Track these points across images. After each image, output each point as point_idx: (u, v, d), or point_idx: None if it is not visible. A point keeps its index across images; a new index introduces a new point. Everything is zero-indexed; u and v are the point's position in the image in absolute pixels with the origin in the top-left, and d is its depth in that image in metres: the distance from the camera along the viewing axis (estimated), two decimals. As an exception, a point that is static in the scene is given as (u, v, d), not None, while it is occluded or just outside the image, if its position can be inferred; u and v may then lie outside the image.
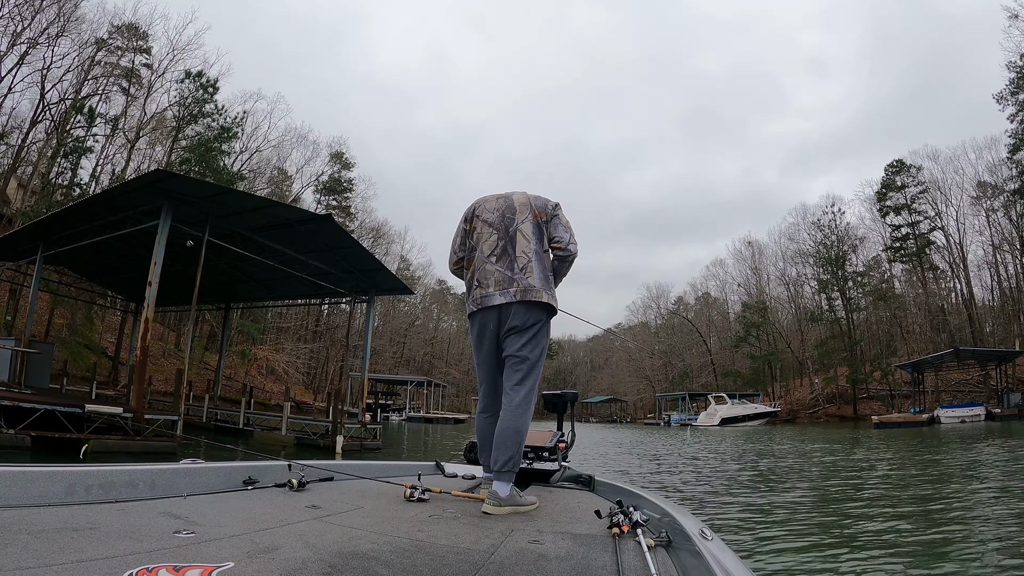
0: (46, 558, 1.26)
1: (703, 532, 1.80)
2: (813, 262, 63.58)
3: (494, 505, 2.45)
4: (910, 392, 45.11)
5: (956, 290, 57.94)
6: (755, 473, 12.77)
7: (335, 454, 15.93)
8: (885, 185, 58.83)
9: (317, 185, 61.87)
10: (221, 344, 25.80)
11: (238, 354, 50.61)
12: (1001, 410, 33.38)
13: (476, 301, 2.85)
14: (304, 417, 19.83)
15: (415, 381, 58.84)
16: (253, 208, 15.14)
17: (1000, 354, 39.13)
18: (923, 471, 12.15)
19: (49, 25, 35.70)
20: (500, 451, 2.68)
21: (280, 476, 2.64)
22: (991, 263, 55.18)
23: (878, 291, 59.17)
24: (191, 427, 20.55)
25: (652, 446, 22.50)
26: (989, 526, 6.32)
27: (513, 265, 2.81)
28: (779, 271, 69.96)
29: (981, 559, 5.00)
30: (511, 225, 2.89)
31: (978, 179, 53.87)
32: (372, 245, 68.00)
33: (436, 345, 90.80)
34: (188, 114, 45.07)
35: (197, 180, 15.31)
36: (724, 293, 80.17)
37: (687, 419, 57.44)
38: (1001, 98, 46.53)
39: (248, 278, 21.52)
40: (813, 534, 6.13)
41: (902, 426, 32.13)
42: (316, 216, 15.65)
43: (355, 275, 18.25)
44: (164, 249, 13.54)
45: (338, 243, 16.71)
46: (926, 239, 56.90)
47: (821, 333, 62.18)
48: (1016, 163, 47.55)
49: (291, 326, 60.80)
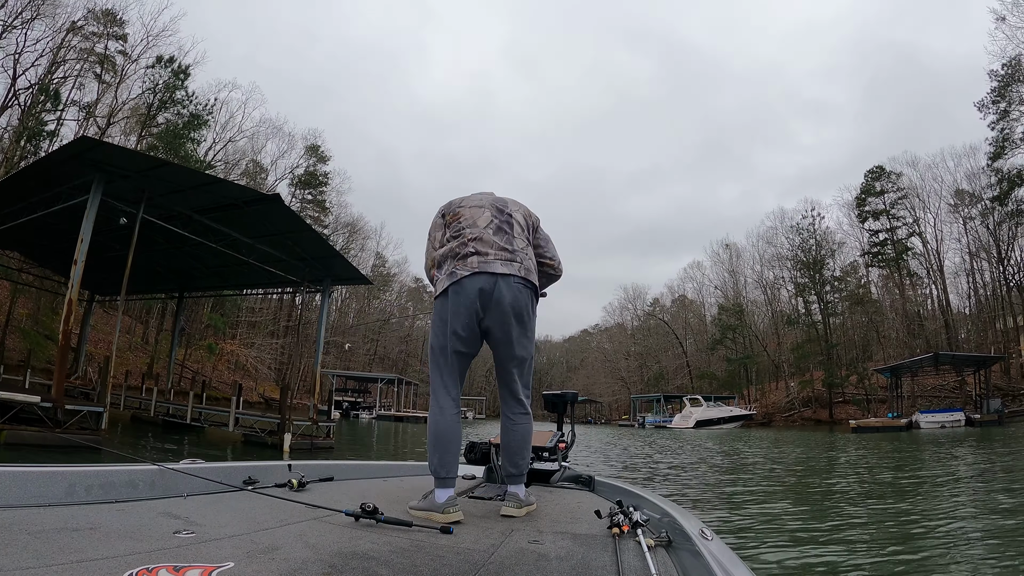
0: (46, 558, 1.26)
1: (703, 532, 1.76)
2: (791, 265, 63.50)
3: (515, 508, 2.40)
4: (886, 397, 44.95)
5: (932, 296, 58.32)
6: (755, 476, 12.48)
7: (283, 453, 14.93)
8: (865, 190, 58.93)
9: (292, 179, 60.62)
10: (173, 335, 24.47)
11: (205, 348, 49.46)
12: (981, 416, 33.10)
13: (471, 266, 2.47)
14: (253, 413, 18.64)
15: (385, 379, 57.59)
16: (195, 185, 13.96)
17: (979, 359, 38.97)
18: (917, 475, 12.00)
19: (24, 9, 34.40)
20: (519, 456, 2.63)
21: (280, 476, 2.61)
22: (968, 270, 55.42)
23: (855, 295, 59.19)
24: (140, 421, 19.61)
25: (622, 446, 21.79)
26: (993, 529, 6.17)
27: (512, 243, 2.57)
28: (756, 274, 70.05)
29: (988, 561, 4.90)
30: (505, 208, 2.68)
31: (956, 187, 54.20)
32: (347, 240, 66.93)
33: (411, 343, 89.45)
34: (159, 101, 44.19)
35: (128, 150, 14.10)
36: (701, 296, 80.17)
37: (662, 421, 56.98)
38: (982, 106, 46.66)
39: (201, 265, 20.28)
40: (813, 535, 6.03)
41: (880, 431, 31.76)
42: (263, 196, 14.49)
43: (308, 262, 17.02)
44: (92, 226, 12.37)
45: (289, 227, 15.56)
46: (904, 245, 57.10)
47: (797, 337, 62.09)
48: (995, 170, 47.66)
49: (261, 320, 59.37)
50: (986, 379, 37.21)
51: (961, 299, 57.58)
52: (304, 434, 16.19)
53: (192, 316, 52.05)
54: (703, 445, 23.62)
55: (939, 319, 55.42)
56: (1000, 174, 47.28)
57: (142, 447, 13.52)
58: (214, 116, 48.99)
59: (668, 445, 23.94)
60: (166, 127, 43.59)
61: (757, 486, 10.62)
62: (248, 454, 14.38)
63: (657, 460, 16.52)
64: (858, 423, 34.78)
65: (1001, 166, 46.89)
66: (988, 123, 46.87)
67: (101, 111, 41.90)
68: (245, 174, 54.07)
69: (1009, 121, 45.69)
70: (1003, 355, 44.96)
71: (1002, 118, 46.02)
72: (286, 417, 15.35)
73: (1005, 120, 45.90)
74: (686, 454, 18.80)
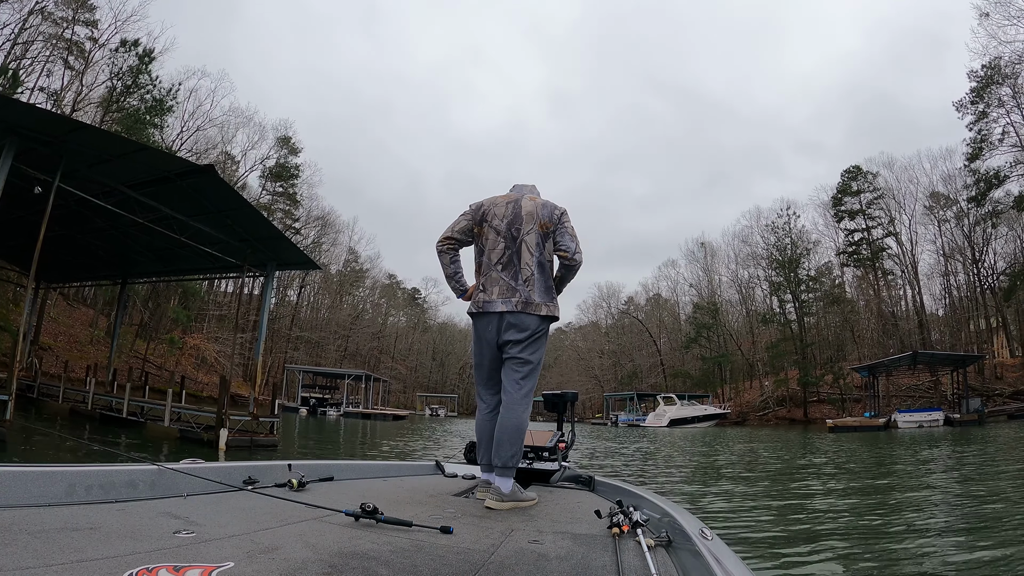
0: (46, 558, 1.26)
1: (703, 532, 1.77)
2: (766, 264, 63.23)
3: (497, 500, 2.55)
4: (860, 396, 44.64)
5: (907, 297, 58.43)
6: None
7: (218, 450, 13.71)
8: (841, 189, 58.85)
9: (263, 170, 58.99)
10: (115, 325, 23.00)
11: (167, 342, 47.90)
12: (960, 415, 32.65)
13: (478, 304, 2.92)
14: (189, 407, 17.28)
15: (353, 375, 56.16)
16: (121, 154, 12.55)
17: (958, 358, 38.74)
18: (907, 474, 11.86)
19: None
20: (502, 447, 2.76)
21: (280, 476, 2.59)
22: (942, 272, 55.66)
23: (831, 295, 59.06)
24: (78, 415, 18.81)
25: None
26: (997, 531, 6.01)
27: (518, 276, 2.89)
28: (731, 273, 69.71)
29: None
30: (518, 236, 2.94)
31: (932, 189, 54.39)
32: (318, 235, 65.47)
33: (383, 340, 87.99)
34: (123, 86, 42.72)
35: (41, 110, 12.69)
36: (675, 294, 79.58)
37: (635, 419, 56.30)
38: (961, 106, 46.46)
39: (143, 249, 18.76)
40: (814, 537, 5.90)
41: (858, 430, 31.07)
42: (196, 167, 13.13)
43: (251, 244, 15.60)
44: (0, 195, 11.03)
45: (227, 204, 14.21)
46: (879, 245, 57.16)
47: (772, 336, 61.87)
48: (973, 171, 47.59)
49: (228, 314, 57.78)
50: (965, 378, 37.01)
51: (935, 300, 58.02)
52: (244, 430, 14.92)
53: (156, 310, 50.62)
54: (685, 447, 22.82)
55: (913, 319, 55.50)
56: (977, 175, 47.21)
57: (40, 440, 12.47)
58: (178, 102, 47.49)
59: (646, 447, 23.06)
60: (127, 112, 41.94)
61: (752, 486, 10.29)
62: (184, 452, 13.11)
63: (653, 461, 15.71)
64: (835, 422, 34.05)
65: (978, 167, 46.82)
66: (966, 124, 46.80)
67: (69, 98, 40.94)
68: (215, 165, 52.18)
69: (987, 122, 45.65)
70: (983, 355, 44.98)
71: (980, 119, 45.89)
72: (223, 411, 14.06)
73: (983, 121, 45.82)
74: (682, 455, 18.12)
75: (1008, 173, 44.82)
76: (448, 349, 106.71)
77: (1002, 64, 43.06)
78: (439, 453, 15.66)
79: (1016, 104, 43.80)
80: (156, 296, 50.34)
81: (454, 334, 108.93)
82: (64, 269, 23.89)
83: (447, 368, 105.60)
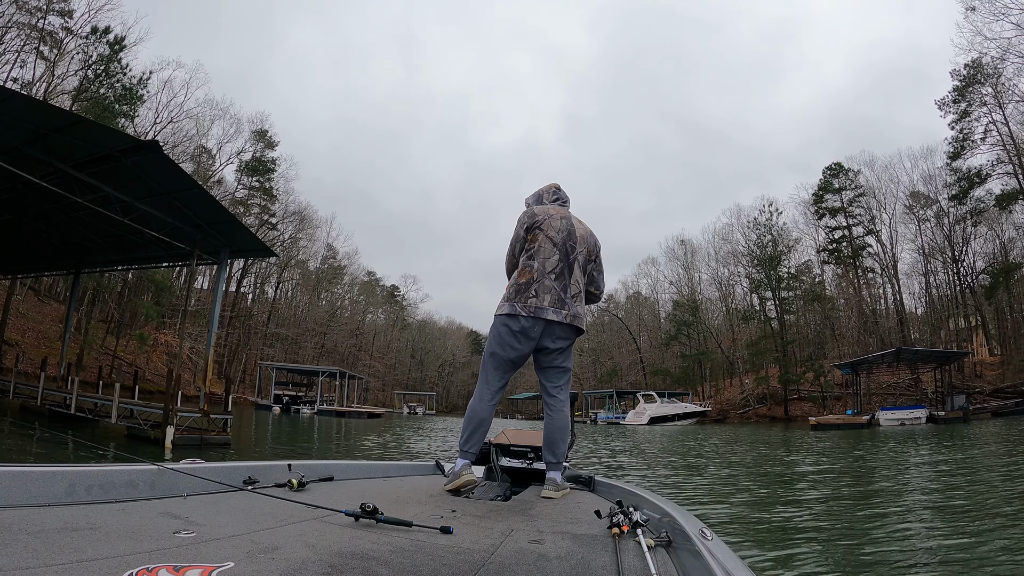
0: (46, 558, 1.24)
1: (703, 532, 1.77)
2: (747, 262, 63.04)
3: (553, 490, 2.85)
4: (841, 393, 44.38)
5: (887, 295, 58.39)
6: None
7: (164, 448, 12.79)
8: (823, 186, 58.74)
9: (239, 164, 57.69)
10: (67, 318, 21.87)
11: (136, 338, 46.62)
12: (945, 413, 32.29)
13: (530, 308, 3.02)
14: (136, 403, 16.26)
15: (328, 372, 55.04)
16: (58, 127, 11.62)
17: (942, 355, 38.60)
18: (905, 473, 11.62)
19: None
20: (556, 445, 3.07)
21: (280, 476, 2.53)
22: (922, 270, 55.75)
23: (812, 292, 58.92)
24: (27, 411, 17.98)
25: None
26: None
27: (568, 289, 3.09)
28: (711, 271, 69.34)
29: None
30: (571, 253, 3.14)
31: (913, 188, 54.51)
32: (295, 231, 64.31)
33: (361, 337, 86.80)
34: (93, 74, 41.45)
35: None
36: (655, 292, 78.98)
37: (615, 417, 55.80)
38: (943, 104, 46.54)
39: (96, 236, 17.74)
40: (812, 535, 5.90)
41: (841, 428, 30.58)
42: (140, 143, 12.15)
43: (202, 229, 14.63)
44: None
45: (176, 185, 13.25)
46: (860, 243, 57.15)
47: (752, 333, 61.65)
48: (954, 170, 47.73)
49: (202, 310, 56.43)
50: (946, 376, 36.88)
51: (915, 299, 58.22)
52: (193, 427, 13.99)
53: (127, 304, 49.25)
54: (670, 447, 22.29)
55: (894, 317, 55.49)
56: (959, 173, 47.35)
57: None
58: (149, 92, 46.21)
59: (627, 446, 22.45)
60: (94, 100, 40.57)
61: (746, 486, 10.16)
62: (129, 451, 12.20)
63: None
64: (818, 420, 33.65)
65: (960, 166, 46.96)
66: (948, 122, 46.99)
67: (41, 89, 39.69)
68: (191, 158, 51.09)
69: (969, 121, 45.71)
70: (967, 351, 44.96)
71: (962, 118, 46.01)
72: (170, 407, 13.13)
73: (965, 120, 45.89)
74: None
75: (990, 171, 45.08)
76: (427, 347, 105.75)
77: (984, 64, 43.20)
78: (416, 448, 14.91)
79: (998, 103, 43.94)
80: (129, 292, 49.07)
81: (433, 332, 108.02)
82: (15, 258, 22.81)
83: (426, 366, 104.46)
